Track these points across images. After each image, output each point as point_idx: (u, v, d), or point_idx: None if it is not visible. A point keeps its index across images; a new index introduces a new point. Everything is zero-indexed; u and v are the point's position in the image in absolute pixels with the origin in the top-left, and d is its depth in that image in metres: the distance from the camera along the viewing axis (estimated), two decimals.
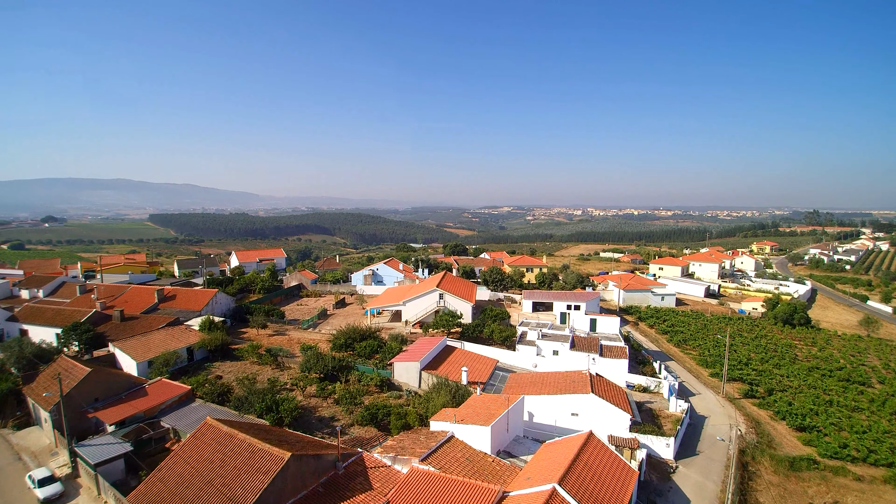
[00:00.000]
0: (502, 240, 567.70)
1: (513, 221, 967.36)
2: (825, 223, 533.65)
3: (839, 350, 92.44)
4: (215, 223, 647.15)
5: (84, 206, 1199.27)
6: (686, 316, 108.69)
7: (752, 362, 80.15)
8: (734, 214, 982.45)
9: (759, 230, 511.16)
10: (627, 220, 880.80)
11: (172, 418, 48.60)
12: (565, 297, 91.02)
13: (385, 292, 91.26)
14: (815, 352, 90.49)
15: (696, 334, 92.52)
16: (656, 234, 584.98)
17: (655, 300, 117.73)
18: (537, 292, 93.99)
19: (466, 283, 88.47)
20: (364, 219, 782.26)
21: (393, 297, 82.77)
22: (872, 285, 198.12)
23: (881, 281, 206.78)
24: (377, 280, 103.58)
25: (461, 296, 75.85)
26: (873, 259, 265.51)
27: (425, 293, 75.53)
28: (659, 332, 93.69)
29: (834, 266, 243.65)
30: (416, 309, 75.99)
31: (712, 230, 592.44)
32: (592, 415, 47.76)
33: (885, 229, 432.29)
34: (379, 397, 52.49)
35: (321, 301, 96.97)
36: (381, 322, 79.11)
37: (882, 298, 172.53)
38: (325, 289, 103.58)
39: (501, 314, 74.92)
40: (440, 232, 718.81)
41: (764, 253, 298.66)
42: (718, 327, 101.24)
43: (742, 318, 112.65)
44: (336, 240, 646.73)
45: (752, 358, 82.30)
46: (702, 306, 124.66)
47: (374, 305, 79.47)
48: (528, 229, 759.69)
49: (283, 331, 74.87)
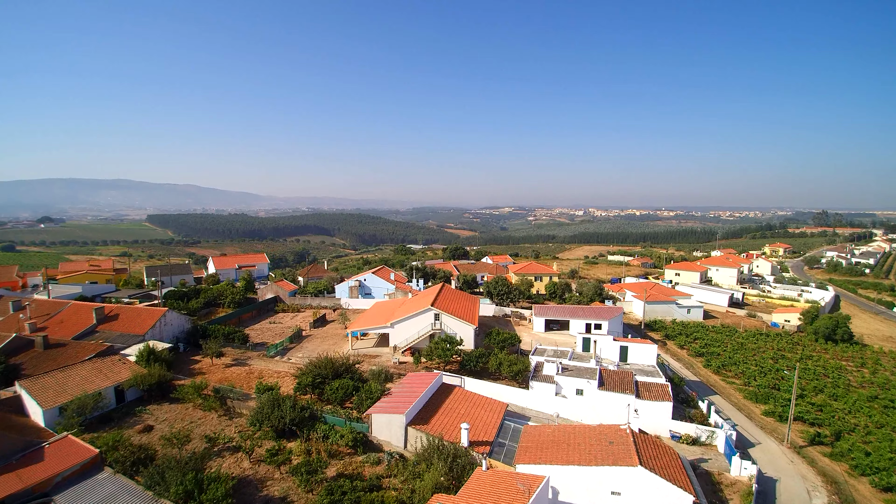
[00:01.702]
0: (504, 241, 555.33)
1: (514, 222, 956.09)
2: (834, 224, 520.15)
3: (892, 371, 79.45)
4: (213, 224, 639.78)
5: (86, 206, 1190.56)
6: (718, 332, 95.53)
7: (806, 393, 66.99)
8: (736, 215, 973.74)
9: (768, 231, 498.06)
10: (630, 220, 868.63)
11: (68, 498, 35.47)
12: (584, 313, 77.89)
13: (372, 308, 78.10)
14: (866, 374, 77.41)
15: (735, 356, 79.31)
16: (661, 235, 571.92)
17: (681, 313, 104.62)
18: (551, 307, 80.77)
19: (467, 298, 75.31)
20: (364, 219, 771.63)
21: (380, 315, 69.58)
22: None
23: None
24: (364, 292, 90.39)
25: (461, 316, 62.66)
26: (892, 262, 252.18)
27: (418, 313, 62.33)
28: (692, 355, 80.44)
29: (853, 270, 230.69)
30: (407, 332, 62.86)
31: (717, 231, 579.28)
32: (640, 494, 34.65)
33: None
34: (351, 462, 39.34)
35: (299, 318, 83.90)
36: (364, 348, 65.98)
37: None
38: (305, 302, 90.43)
39: (510, 339, 61.64)
40: (441, 233, 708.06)
41: (778, 255, 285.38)
42: (756, 345, 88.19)
43: (779, 334, 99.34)
44: (336, 241, 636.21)
45: (805, 386, 69.29)
46: (732, 319, 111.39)
47: (358, 327, 66.24)
48: (530, 230, 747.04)
49: (245, 360, 61.65)
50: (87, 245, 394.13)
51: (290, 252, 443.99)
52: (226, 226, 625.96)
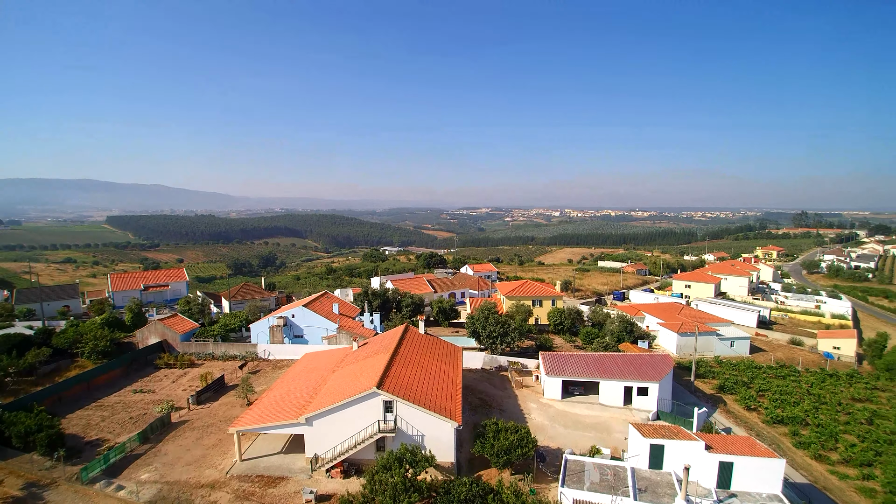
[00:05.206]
0: (482, 242, 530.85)
1: (491, 223, 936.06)
2: (813, 224, 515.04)
3: None
4: (178, 226, 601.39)
5: (49, 207, 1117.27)
6: (779, 376, 71.18)
7: None
8: (709, 215, 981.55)
9: (749, 232, 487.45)
10: (606, 221, 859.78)
11: None
12: (619, 368, 51.69)
13: (298, 366, 49.97)
14: None
15: (825, 420, 54.38)
16: (640, 236, 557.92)
17: (723, 346, 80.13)
18: (568, 360, 54.15)
19: (443, 354, 47.98)
20: (338, 220, 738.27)
21: (301, 387, 41.67)
22: None
23: None
24: (293, 335, 62.11)
25: (432, 404, 35.41)
26: (892, 265, 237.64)
27: (354, 400, 34.75)
28: (767, 422, 55.19)
29: (855, 275, 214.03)
30: (338, 432, 35.30)
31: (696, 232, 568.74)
32: None
33: (883, 231, 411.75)
34: None
35: (187, 378, 55.19)
36: (262, 457, 37.96)
37: None
38: (205, 350, 61.51)
39: (521, 441, 34.48)
40: (417, 234, 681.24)
41: (772, 259, 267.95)
42: (833, 394, 63.97)
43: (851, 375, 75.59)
44: (307, 243, 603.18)
45: None
46: (786, 352, 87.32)
47: (249, 423, 37.89)
48: (508, 231, 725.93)
49: (40, 491, 33.12)
50: (35, 250, 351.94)
51: (256, 256, 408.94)
52: (191, 228, 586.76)
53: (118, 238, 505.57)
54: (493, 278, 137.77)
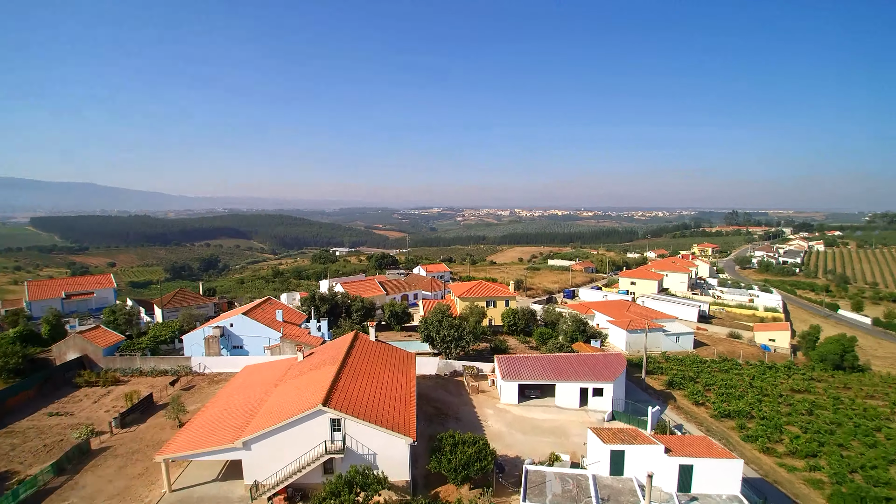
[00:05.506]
0: (434, 242, 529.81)
1: (443, 223, 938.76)
2: (744, 223, 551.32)
3: None
4: (110, 227, 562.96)
5: None
6: (723, 370, 73.82)
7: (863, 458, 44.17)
8: (648, 215, 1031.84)
9: (686, 230, 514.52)
10: (554, 220, 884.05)
11: None
12: (574, 369, 51.25)
13: (237, 381, 45.98)
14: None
15: (769, 412, 56.53)
16: (586, 235, 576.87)
17: (669, 342, 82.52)
18: (524, 362, 53.12)
19: (396, 363, 45.58)
20: (287, 221, 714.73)
21: (239, 407, 38.01)
22: (831, 291, 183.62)
23: (836, 285, 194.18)
24: (231, 346, 57.56)
25: (383, 420, 32.99)
26: (816, 260, 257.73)
27: (297, 420, 31.72)
28: (715, 416, 56.67)
29: (784, 270, 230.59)
30: (280, 455, 32.14)
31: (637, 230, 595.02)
32: None
33: (806, 229, 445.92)
34: None
35: (111, 398, 49.69)
36: (196, 486, 34.18)
37: (853, 307, 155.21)
38: (132, 365, 55.80)
39: (479, 454, 32.69)
40: (369, 234, 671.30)
41: (708, 256, 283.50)
42: (773, 386, 67.08)
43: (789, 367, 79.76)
44: (253, 244, 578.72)
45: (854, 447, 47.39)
46: (726, 346, 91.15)
47: (179, 449, 33.94)
48: (460, 231, 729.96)
49: None
50: None
51: (196, 259, 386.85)
52: (125, 229, 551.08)
53: (43, 241, 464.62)
54: (446, 278, 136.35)
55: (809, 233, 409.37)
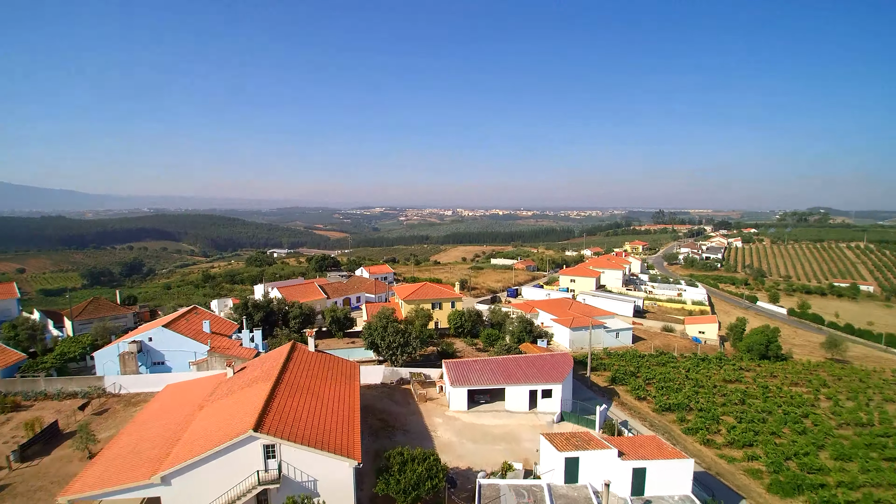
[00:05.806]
0: (377, 242, 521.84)
1: (386, 222, 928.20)
2: (669, 221, 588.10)
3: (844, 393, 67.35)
4: (18, 229, 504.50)
5: None
6: (660, 363, 76.46)
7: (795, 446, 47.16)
8: (583, 214, 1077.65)
9: (618, 229, 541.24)
10: (495, 220, 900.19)
11: None
12: (523, 371, 50.41)
13: (159, 400, 40.95)
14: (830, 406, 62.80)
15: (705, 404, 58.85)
16: (526, 234, 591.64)
17: (609, 338, 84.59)
18: (472, 366, 51.62)
19: (337, 374, 42.50)
20: (219, 221, 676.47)
21: (159, 435, 33.51)
22: (750, 284, 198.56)
23: (754, 278, 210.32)
24: (151, 362, 51.73)
25: (325, 442, 30.08)
26: (735, 256, 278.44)
27: (227, 447, 28.14)
28: (657, 410, 58.10)
29: (706, 265, 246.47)
30: (205, 492, 28.36)
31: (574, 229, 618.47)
32: None
33: (725, 227, 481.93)
34: None
35: (11, 425, 42.77)
36: None
37: (770, 298, 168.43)
38: (35, 387, 48.68)
39: (429, 474, 30.34)
40: (309, 235, 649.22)
41: (639, 253, 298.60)
42: (707, 377, 70.28)
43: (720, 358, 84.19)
44: (182, 247, 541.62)
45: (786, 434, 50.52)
46: (661, 339, 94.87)
47: (86, 489, 29.21)
48: (403, 230, 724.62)
49: None
50: None
51: (118, 263, 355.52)
52: (36, 232, 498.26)
53: None
54: (390, 280, 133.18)
55: (728, 230, 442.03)
